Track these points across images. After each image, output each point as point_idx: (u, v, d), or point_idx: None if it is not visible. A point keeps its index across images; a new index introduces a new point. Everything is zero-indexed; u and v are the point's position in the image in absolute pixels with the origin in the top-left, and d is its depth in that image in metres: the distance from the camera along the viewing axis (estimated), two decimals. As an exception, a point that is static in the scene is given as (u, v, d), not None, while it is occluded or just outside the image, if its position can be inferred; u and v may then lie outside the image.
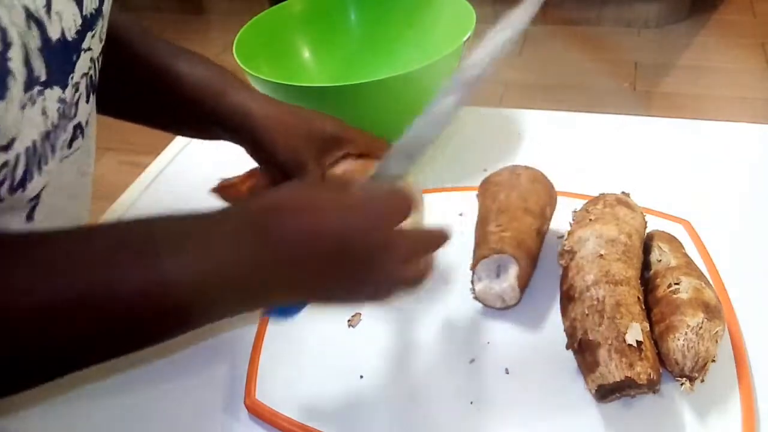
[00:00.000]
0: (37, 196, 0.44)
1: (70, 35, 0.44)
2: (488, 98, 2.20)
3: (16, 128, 0.38)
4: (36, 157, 0.41)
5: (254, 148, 0.58)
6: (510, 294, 0.55)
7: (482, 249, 0.56)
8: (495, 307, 0.56)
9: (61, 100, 0.44)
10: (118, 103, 0.61)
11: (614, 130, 0.80)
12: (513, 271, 0.54)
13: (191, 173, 0.66)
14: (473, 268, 0.56)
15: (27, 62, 0.39)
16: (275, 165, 0.57)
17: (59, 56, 0.43)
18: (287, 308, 0.47)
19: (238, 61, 0.74)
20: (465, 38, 0.72)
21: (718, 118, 0.80)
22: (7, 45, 0.36)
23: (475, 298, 0.56)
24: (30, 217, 0.45)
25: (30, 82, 0.39)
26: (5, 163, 0.39)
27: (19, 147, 0.39)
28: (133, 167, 0.70)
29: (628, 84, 2.24)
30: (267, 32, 0.83)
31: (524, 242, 0.56)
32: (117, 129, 0.65)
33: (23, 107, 0.38)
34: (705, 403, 0.48)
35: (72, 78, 0.45)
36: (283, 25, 0.85)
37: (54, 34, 0.42)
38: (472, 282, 0.56)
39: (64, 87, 0.44)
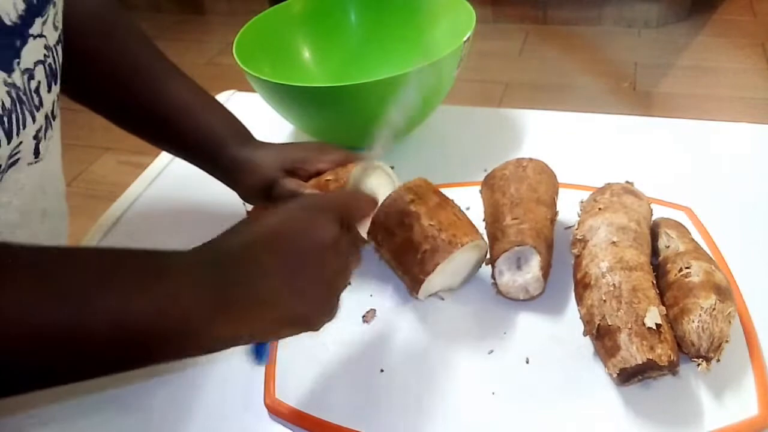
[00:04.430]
0: None
1: (10, 20, 0.44)
2: (488, 98, 2.20)
3: None
4: None
5: (235, 187, 0.64)
6: (534, 285, 0.55)
7: (502, 243, 0.56)
8: (518, 299, 0.56)
9: (9, 84, 0.43)
10: (118, 114, 0.64)
11: (614, 130, 0.80)
12: (536, 262, 0.55)
13: (191, 173, 0.66)
14: (493, 262, 0.56)
15: None
16: (253, 196, 0.63)
17: None
18: (259, 349, 0.48)
19: (238, 61, 0.74)
20: (465, 38, 0.72)
21: (718, 118, 0.80)
22: None
23: (498, 292, 0.56)
24: None
25: None
26: None
27: None
28: (133, 167, 0.71)
29: (628, 84, 2.24)
30: (267, 32, 0.83)
31: (542, 232, 0.56)
32: (117, 129, 0.65)
33: None
34: (720, 382, 0.49)
35: (18, 63, 0.45)
36: (283, 25, 0.85)
37: None
38: (494, 276, 0.56)
39: (8, 71, 0.44)
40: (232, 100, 0.93)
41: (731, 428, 0.46)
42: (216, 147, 0.62)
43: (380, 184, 0.60)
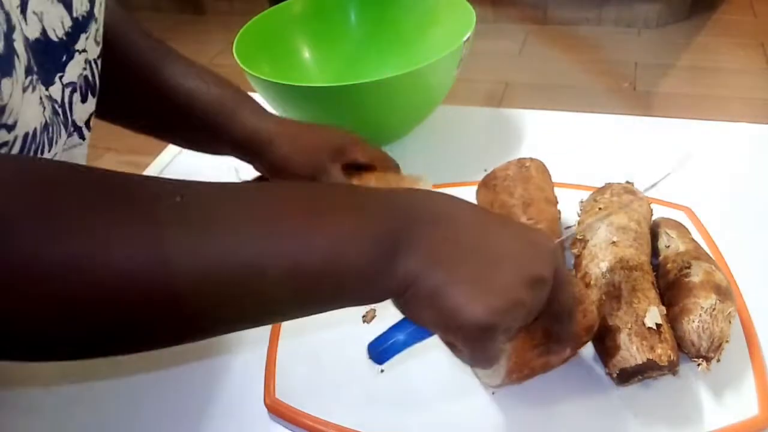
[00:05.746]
0: None
1: (56, 36, 0.45)
2: (488, 98, 2.20)
3: (19, 109, 0.38)
4: (33, 146, 0.42)
5: (269, 167, 0.61)
6: None
7: None
8: None
9: (49, 98, 0.44)
10: (121, 112, 0.62)
11: (614, 130, 0.80)
12: None
13: (191, 173, 0.66)
14: None
15: (26, 48, 0.39)
16: (296, 177, 0.60)
17: (40, 55, 0.43)
18: (383, 346, 0.41)
19: (238, 61, 0.74)
20: (465, 38, 0.72)
21: (718, 118, 0.80)
22: (12, 28, 0.37)
23: None
24: None
25: (29, 68, 0.40)
26: (5, 143, 0.39)
27: (20, 131, 0.39)
28: (133, 167, 0.70)
29: (628, 84, 2.24)
30: (267, 32, 0.83)
31: (556, 232, 0.56)
32: (117, 129, 0.65)
33: (24, 90, 0.39)
34: (720, 382, 0.49)
35: (62, 78, 0.46)
36: (283, 25, 0.85)
37: (31, 34, 0.42)
38: None
39: (49, 85, 0.44)
40: (232, 100, 0.93)
41: (731, 428, 0.46)
42: (224, 115, 0.60)
43: None
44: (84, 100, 0.50)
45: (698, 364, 0.48)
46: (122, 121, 0.63)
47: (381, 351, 0.41)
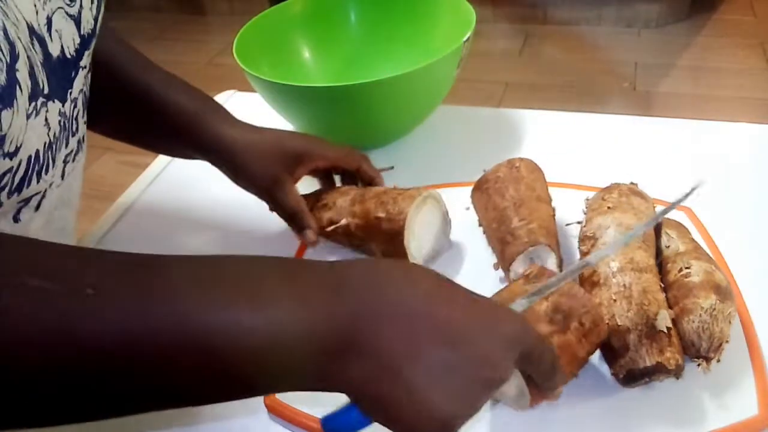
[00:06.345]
0: (28, 200, 0.45)
1: (69, 53, 0.46)
2: (488, 98, 2.20)
3: (22, 136, 0.39)
4: (37, 166, 0.42)
5: (235, 175, 0.62)
6: None
7: (514, 245, 0.55)
8: None
9: (62, 114, 0.45)
10: (102, 121, 0.63)
11: (614, 130, 0.80)
12: (551, 259, 0.55)
13: (191, 173, 0.66)
14: (507, 266, 0.55)
15: (32, 75, 0.40)
16: (255, 187, 0.62)
17: (59, 72, 0.44)
18: (341, 426, 0.39)
19: (238, 61, 0.74)
20: (465, 38, 0.72)
21: (718, 118, 0.80)
22: (15, 58, 0.38)
23: None
24: (16, 219, 0.46)
25: (34, 94, 0.40)
26: (9, 169, 0.39)
27: (24, 154, 0.40)
28: (133, 167, 0.70)
29: (628, 84, 2.24)
30: (267, 32, 0.83)
31: (550, 229, 0.56)
32: (117, 129, 0.65)
33: (28, 117, 0.40)
34: (720, 382, 0.49)
35: (71, 93, 0.47)
36: (283, 25, 0.85)
37: (54, 51, 0.44)
38: (508, 280, 0.56)
39: (63, 101, 0.45)
40: (232, 100, 0.93)
41: (731, 428, 0.46)
42: (191, 121, 0.61)
43: (431, 213, 0.61)
44: (83, 114, 0.51)
45: (698, 364, 0.48)
46: (94, 126, 0.63)
47: (338, 429, 0.39)
